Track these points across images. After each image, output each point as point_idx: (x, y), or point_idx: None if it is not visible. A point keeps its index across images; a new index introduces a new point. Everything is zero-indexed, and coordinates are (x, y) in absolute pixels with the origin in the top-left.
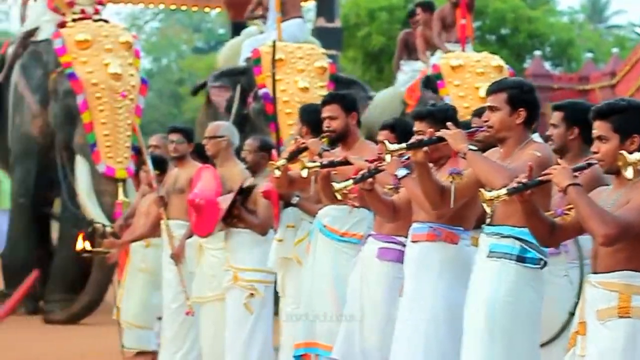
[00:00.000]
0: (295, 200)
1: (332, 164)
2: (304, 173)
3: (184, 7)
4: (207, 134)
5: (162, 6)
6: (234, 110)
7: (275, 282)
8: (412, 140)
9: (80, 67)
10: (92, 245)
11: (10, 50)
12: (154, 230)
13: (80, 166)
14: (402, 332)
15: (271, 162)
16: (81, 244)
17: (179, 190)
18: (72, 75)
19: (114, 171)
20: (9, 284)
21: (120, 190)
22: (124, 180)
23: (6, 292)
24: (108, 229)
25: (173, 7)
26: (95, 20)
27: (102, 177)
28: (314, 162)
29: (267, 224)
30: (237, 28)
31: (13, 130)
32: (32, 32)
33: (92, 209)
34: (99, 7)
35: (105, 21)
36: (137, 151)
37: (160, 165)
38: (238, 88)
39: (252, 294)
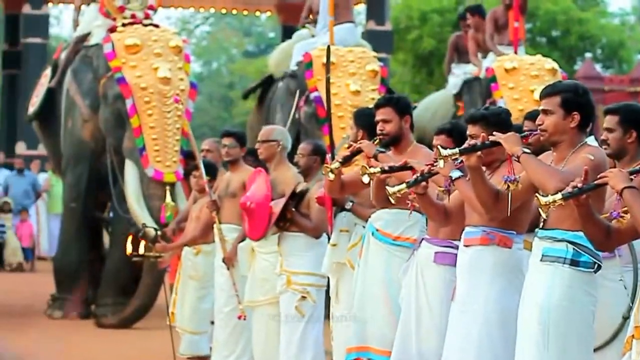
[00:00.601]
0: (348, 205)
1: (393, 169)
2: (365, 179)
3: (234, 11)
4: (259, 138)
5: (212, 10)
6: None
7: (328, 286)
8: (465, 145)
9: (130, 72)
10: (144, 249)
11: (64, 55)
12: (206, 234)
13: (129, 170)
14: (454, 336)
15: (325, 165)
16: (132, 247)
17: (231, 194)
18: (121, 80)
19: (162, 175)
20: (61, 287)
21: (168, 194)
22: (172, 184)
23: (58, 295)
24: (157, 233)
25: (224, 11)
26: (145, 25)
27: (151, 181)
28: (375, 167)
29: (320, 227)
30: (287, 31)
31: (65, 134)
32: (84, 37)
33: (140, 213)
34: (149, 11)
35: (156, 25)
36: (187, 155)
37: (211, 170)
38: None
39: (303, 297)
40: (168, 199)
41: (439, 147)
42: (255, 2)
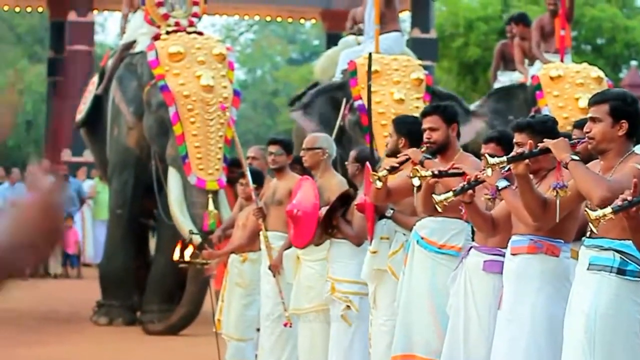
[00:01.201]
0: (389, 212)
1: (444, 174)
2: (416, 182)
3: (279, 19)
4: (304, 146)
5: (257, 17)
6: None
7: None
8: (513, 153)
9: (173, 79)
10: (191, 256)
11: (110, 62)
12: (252, 242)
13: (172, 178)
14: (501, 345)
15: (373, 173)
16: (179, 254)
17: (277, 201)
18: (164, 87)
19: (205, 183)
20: (106, 294)
21: (211, 201)
22: (215, 192)
23: (103, 302)
24: (198, 239)
25: (268, 18)
26: (189, 33)
27: (194, 189)
28: (428, 172)
29: (361, 234)
30: (332, 39)
31: (111, 141)
32: (130, 45)
33: (182, 220)
34: (193, 19)
35: (200, 33)
36: (232, 163)
37: (257, 178)
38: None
39: (348, 307)
40: (211, 206)
41: (486, 155)
42: (300, 10)
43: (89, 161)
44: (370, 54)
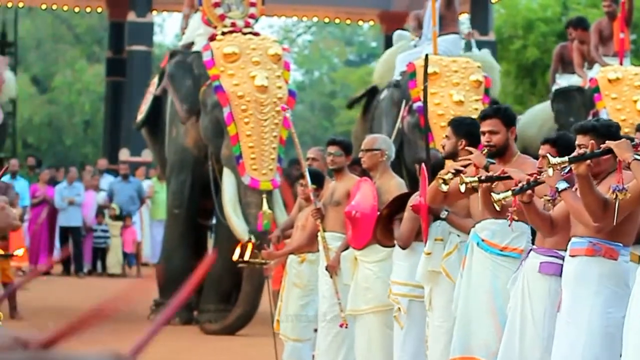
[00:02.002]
0: (444, 214)
1: (491, 179)
2: (462, 188)
3: (337, 20)
4: (363, 147)
5: (315, 19)
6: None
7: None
8: (575, 153)
9: (227, 80)
10: (250, 256)
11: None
12: (311, 243)
13: (227, 178)
14: (560, 347)
15: (438, 176)
16: (238, 254)
17: (335, 202)
18: (218, 88)
19: (259, 183)
20: (164, 293)
21: (265, 202)
22: (269, 192)
23: (161, 301)
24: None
25: (326, 19)
26: (244, 34)
27: (248, 189)
28: (473, 177)
29: (406, 237)
30: (390, 41)
31: (169, 142)
32: (189, 46)
33: (236, 221)
34: (250, 20)
35: (256, 34)
36: (291, 164)
37: (316, 179)
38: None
39: (399, 308)
40: (265, 207)
41: (548, 155)
42: (358, 11)
43: (147, 161)
44: (426, 55)
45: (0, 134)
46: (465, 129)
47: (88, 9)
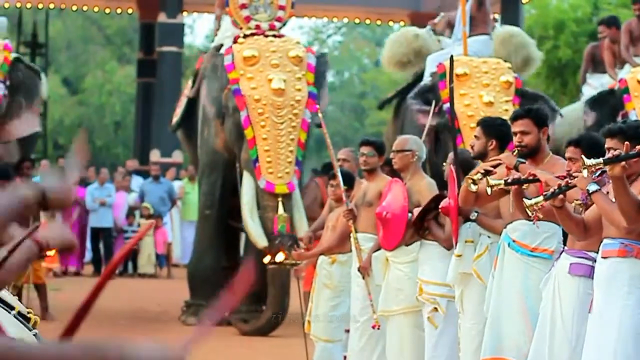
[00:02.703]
0: (473, 215)
1: (518, 181)
2: (489, 191)
3: (367, 21)
4: (394, 148)
5: (345, 20)
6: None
7: None
8: (609, 155)
9: (246, 83)
10: (281, 257)
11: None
12: (342, 244)
13: (246, 181)
14: (591, 348)
15: (468, 176)
16: (269, 255)
17: (367, 203)
18: (237, 92)
19: (274, 186)
20: (195, 294)
21: (280, 205)
22: (285, 196)
23: (192, 302)
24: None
25: (357, 20)
26: (267, 36)
27: (264, 193)
28: (499, 180)
29: (452, 238)
30: None
31: (202, 143)
32: (218, 48)
33: (251, 224)
34: (276, 23)
35: (280, 36)
36: (324, 165)
37: (348, 180)
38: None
39: (435, 309)
40: (280, 210)
41: (583, 157)
42: (388, 12)
43: (178, 162)
44: (451, 56)
45: (32, 135)
46: (496, 130)
47: (119, 10)
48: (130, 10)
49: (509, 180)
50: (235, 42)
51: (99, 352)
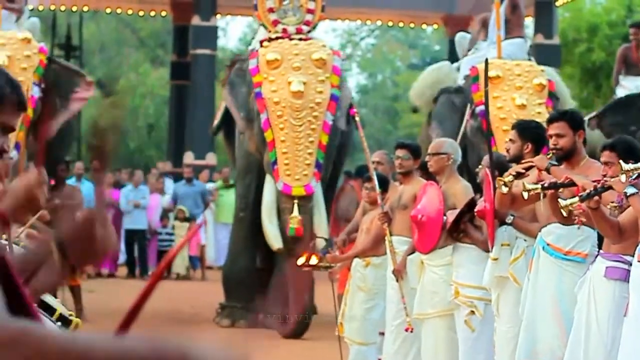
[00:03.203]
0: (509, 218)
1: (555, 186)
2: (525, 195)
3: (401, 24)
4: (430, 151)
5: (379, 22)
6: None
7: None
8: None
9: (267, 87)
10: (316, 260)
11: None
12: (376, 246)
13: (267, 184)
14: (626, 353)
15: (499, 178)
16: (304, 258)
17: (403, 206)
18: (258, 95)
19: (291, 189)
20: (229, 296)
21: (296, 207)
22: (302, 198)
23: (226, 304)
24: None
25: (390, 23)
26: (292, 39)
27: (282, 195)
28: (536, 184)
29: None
30: (454, 44)
31: (238, 146)
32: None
33: (268, 226)
34: (303, 27)
35: (306, 39)
36: (360, 168)
37: (382, 183)
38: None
39: (472, 312)
40: (295, 212)
41: (621, 162)
42: (422, 15)
43: (211, 164)
44: (486, 59)
45: (67, 137)
46: (531, 133)
47: (152, 13)
48: (163, 13)
49: (546, 185)
50: (261, 45)
51: (164, 349)
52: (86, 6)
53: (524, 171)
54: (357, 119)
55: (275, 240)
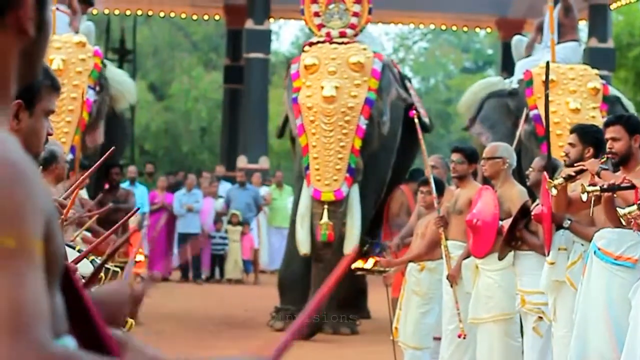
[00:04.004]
0: (566, 223)
1: (614, 188)
2: (584, 197)
3: (454, 27)
4: (485, 155)
5: (432, 26)
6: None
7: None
8: None
9: (303, 91)
10: (371, 264)
11: None
12: (431, 251)
13: (304, 189)
14: None
15: (549, 181)
16: (358, 262)
17: (458, 210)
18: (294, 100)
19: (320, 194)
20: (284, 299)
21: (325, 212)
22: (332, 203)
23: (281, 307)
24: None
25: (443, 27)
26: (332, 43)
27: (314, 200)
28: (595, 185)
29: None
30: (507, 48)
31: (296, 150)
32: None
33: (299, 231)
34: (347, 30)
35: (348, 42)
36: (413, 171)
37: (438, 187)
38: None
39: (540, 318)
40: (324, 218)
41: None
42: (475, 18)
43: (264, 168)
44: (547, 62)
45: (122, 141)
46: (592, 137)
47: (205, 17)
48: (217, 17)
49: (605, 187)
50: (303, 50)
51: None
52: (140, 10)
53: (575, 174)
54: (416, 121)
55: (302, 245)
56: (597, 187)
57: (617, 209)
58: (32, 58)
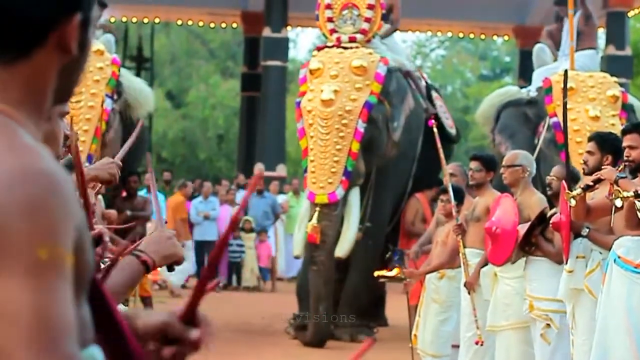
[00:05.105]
0: (585, 231)
1: None
2: (618, 202)
3: (471, 35)
4: (504, 163)
5: (449, 34)
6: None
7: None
8: None
9: (307, 95)
10: (394, 272)
11: None
12: (453, 259)
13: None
14: None
15: (567, 191)
16: (381, 269)
17: (476, 218)
18: (297, 104)
19: (314, 196)
20: (302, 306)
21: (315, 214)
22: (324, 206)
23: (299, 314)
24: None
25: (461, 34)
26: (338, 47)
27: (310, 203)
28: (629, 191)
29: (563, 252)
30: (525, 56)
31: None
32: None
33: (295, 232)
34: (357, 35)
35: (356, 47)
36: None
37: (458, 195)
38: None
39: (548, 325)
40: (314, 220)
41: None
42: (492, 26)
43: (282, 176)
44: (565, 71)
45: (139, 148)
46: (610, 145)
47: (223, 25)
48: (234, 25)
49: (639, 192)
50: (312, 55)
51: None
52: (157, 18)
53: (593, 184)
54: (435, 130)
55: (296, 247)
56: (631, 193)
57: (638, 213)
58: (70, 76)
